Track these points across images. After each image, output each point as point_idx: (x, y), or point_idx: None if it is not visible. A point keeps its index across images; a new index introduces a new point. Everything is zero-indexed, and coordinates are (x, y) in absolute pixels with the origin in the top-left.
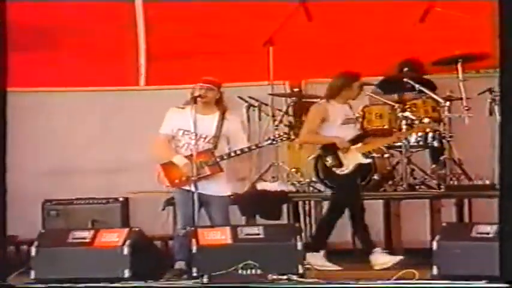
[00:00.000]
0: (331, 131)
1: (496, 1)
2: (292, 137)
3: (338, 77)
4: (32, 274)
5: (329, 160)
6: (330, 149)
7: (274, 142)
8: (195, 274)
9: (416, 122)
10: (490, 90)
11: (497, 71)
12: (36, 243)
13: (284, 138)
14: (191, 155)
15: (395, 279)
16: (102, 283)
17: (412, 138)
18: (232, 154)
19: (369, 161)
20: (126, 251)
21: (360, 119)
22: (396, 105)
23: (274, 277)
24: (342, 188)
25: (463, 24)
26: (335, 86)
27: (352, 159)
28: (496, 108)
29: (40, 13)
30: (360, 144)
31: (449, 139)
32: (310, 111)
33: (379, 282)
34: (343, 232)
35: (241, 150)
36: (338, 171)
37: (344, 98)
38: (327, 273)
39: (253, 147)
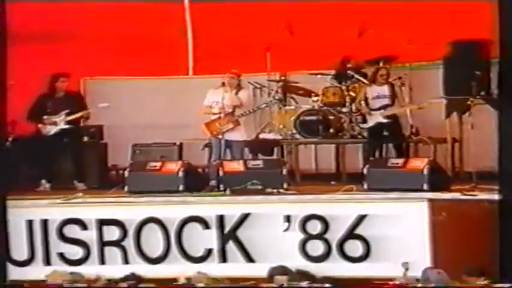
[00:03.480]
0: None
1: (496, 1)
2: (281, 105)
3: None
4: (125, 188)
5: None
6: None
7: (268, 105)
8: (221, 189)
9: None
10: (400, 78)
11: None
12: (128, 169)
13: (275, 103)
14: (219, 117)
15: (341, 192)
16: (165, 193)
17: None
18: (245, 114)
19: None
20: (180, 174)
21: (321, 95)
22: (344, 87)
23: (269, 190)
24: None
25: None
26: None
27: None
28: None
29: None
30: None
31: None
32: None
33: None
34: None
35: (249, 111)
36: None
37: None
38: (301, 188)
39: (256, 108)
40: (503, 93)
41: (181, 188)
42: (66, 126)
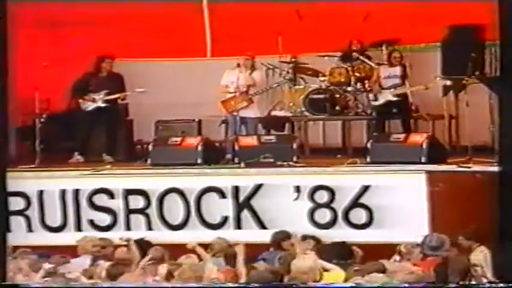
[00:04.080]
0: None
1: (496, 1)
2: (291, 85)
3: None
4: (149, 161)
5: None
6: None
7: (280, 85)
8: (237, 161)
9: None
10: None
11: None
12: (151, 144)
13: (285, 82)
14: (235, 96)
15: (346, 164)
16: (185, 166)
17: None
18: (258, 93)
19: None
20: (199, 148)
21: (328, 75)
22: (349, 68)
23: (280, 163)
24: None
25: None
26: None
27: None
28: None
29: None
30: (391, 89)
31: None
32: None
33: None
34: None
35: (262, 90)
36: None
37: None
38: (310, 161)
39: (268, 88)
40: (503, 74)
41: (199, 161)
42: (103, 105)
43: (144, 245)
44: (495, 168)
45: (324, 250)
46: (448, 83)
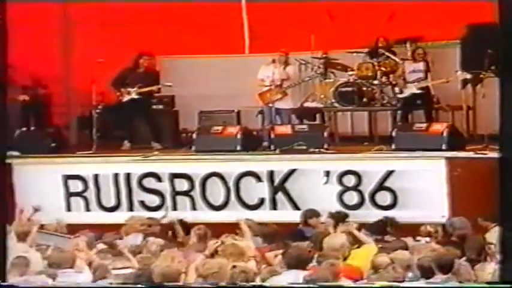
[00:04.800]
0: None
1: (496, 1)
2: (322, 78)
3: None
4: (193, 148)
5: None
6: None
7: (311, 79)
8: (272, 148)
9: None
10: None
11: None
12: (195, 132)
13: (317, 76)
14: (270, 89)
15: (373, 151)
16: (226, 152)
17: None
18: (292, 86)
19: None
20: (238, 136)
21: (356, 70)
22: (375, 63)
23: (312, 149)
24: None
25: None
26: None
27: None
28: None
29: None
30: (415, 82)
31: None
32: None
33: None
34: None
35: (295, 83)
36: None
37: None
38: (339, 148)
39: (301, 81)
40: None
41: (238, 147)
42: (136, 97)
43: (186, 224)
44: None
45: (364, 227)
46: (467, 76)
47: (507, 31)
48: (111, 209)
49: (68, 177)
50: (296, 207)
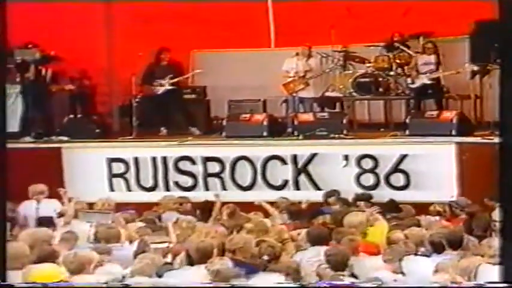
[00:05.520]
0: None
1: (496, 1)
2: (341, 70)
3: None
4: (223, 133)
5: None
6: None
7: (332, 70)
8: (296, 134)
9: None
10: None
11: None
12: (225, 119)
13: (337, 68)
14: (294, 80)
15: (388, 137)
16: (253, 138)
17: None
18: (314, 77)
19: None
20: (264, 123)
21: (373, 62)
22: (391, 56)
23: (332, 135)
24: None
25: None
26: None
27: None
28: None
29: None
30: (427, 74)
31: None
32: None
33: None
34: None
35: (317, 74)
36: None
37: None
38: (357, 134)
39: (322, 72)
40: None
41: (265, 133)
42: (170, 87)
43: (208, 204)
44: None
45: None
46: (475, 68)
47: (506, 28)
48: (149, 189)
49: (111, 160)
50: (317, 187)
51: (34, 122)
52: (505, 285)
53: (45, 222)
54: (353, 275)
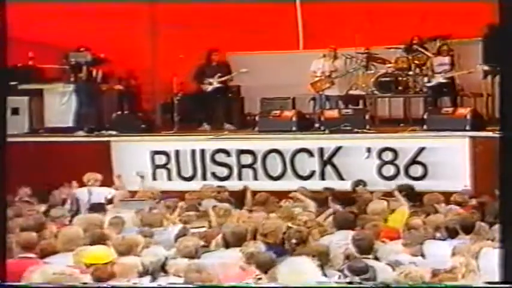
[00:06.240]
0: None
1: (496, 2)
2: (364, 70)
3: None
4: (256, 128)
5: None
6: None
7: (355, 70)
8: (322, 129)
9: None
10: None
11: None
12: (258, 115)
13: (360, 68)
14: (320, 79)
15: (407, 131)
16: (283, 132)
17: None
18: (339, 76)
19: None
20: (294, 119)
21: (393, 63)
22: (410, 57)
23: (356, 130)
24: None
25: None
26: None
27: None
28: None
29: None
30: (442, 73)
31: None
32: None
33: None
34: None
35: (341, 74)
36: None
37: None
38: (379, 129)
39: (347, 72)
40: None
41: (294, 128)
42: (219, 85)
43: (250, 192)
44: None
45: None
46: (487, 68)
47: (506, 30)
48: (189, 179)
49: (154, 153)
50: (341, 178)
51: (86, 118)
52: (505, 285)
53: (96, 207)
54: (376, 258)
